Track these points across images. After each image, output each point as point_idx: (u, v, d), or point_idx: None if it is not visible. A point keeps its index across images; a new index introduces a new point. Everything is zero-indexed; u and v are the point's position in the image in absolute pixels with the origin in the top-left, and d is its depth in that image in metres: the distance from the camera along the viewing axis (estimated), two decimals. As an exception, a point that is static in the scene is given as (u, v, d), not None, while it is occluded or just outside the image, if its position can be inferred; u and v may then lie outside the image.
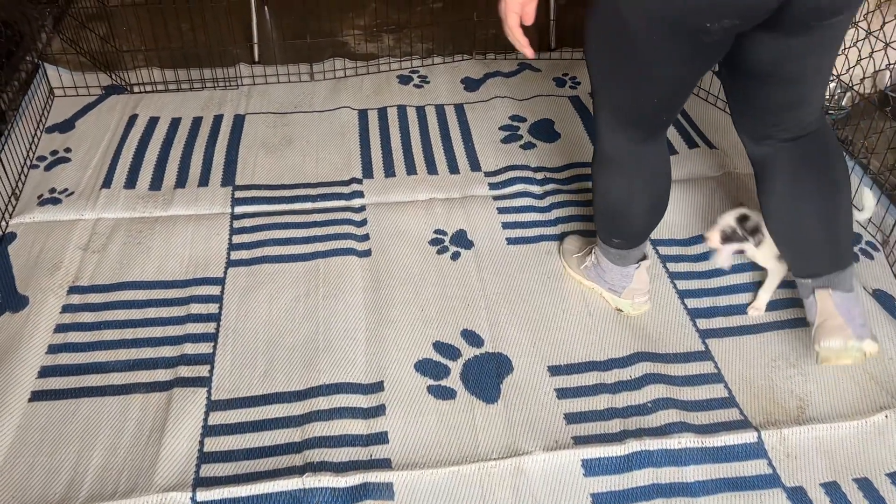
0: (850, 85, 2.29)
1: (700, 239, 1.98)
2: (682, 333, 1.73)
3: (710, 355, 1.68)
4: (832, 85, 2.46)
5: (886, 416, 1.53)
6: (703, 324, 1.75)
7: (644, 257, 1.75)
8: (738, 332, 1.74)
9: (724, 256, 1.75)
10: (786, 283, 1.76)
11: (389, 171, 2.23)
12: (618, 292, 1.76)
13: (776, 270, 1.73)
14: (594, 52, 1.43)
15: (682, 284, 1.86)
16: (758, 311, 1.77)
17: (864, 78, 2.15)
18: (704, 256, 1.93)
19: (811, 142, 1.50)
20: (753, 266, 1.83)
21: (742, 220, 1.68)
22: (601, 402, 1.58)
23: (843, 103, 2.45)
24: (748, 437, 1.50)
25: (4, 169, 2.09)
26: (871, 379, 1.62)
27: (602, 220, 1.71)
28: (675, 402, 1.57)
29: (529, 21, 1.33)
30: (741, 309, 1.79)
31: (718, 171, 2.21)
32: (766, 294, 1.77)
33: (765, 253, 1.71)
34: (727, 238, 1.69)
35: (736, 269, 1.88)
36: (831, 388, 1.60)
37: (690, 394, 1.60)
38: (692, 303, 1.81)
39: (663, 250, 1.95)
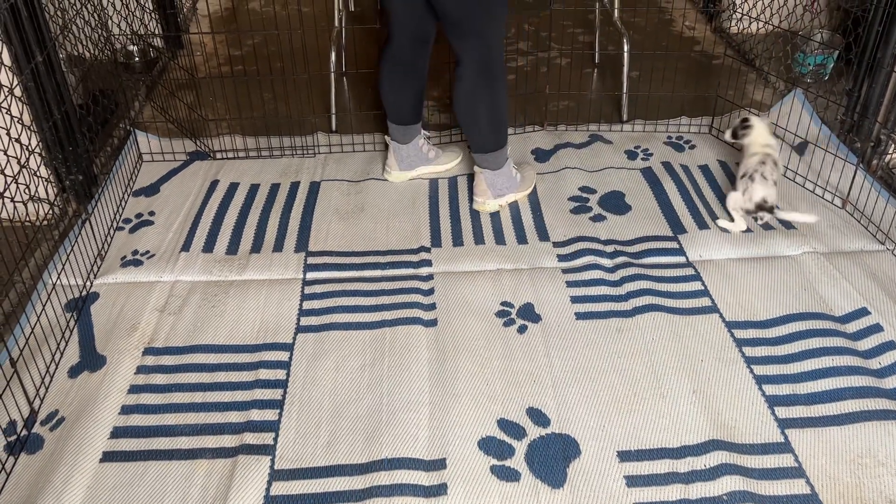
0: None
1: (778, 321, 1.90)
2: (759, 422, 1.65)
3: (789, 447, 1.59)
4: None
5: None
6: (782, 412, 1.67)
7: None
8: (820, 422, 1.64)
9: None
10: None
11: (458, 241, 2.24)
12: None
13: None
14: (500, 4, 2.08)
15: (760, 370, 1.78)
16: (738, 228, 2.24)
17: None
18: (784, 340, 1.85)
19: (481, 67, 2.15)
20: (831, 352, 1.75)
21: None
22: (673, 492, 1.51)
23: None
24: (834, 539, 1.40)
25: (93, 230, 2.19)
26: (971, 482, 1.50)
27: (504, 127, 2.26)
28: (753, 496, 1.49)
29: None
30: (824, 397, 1.70)
31: (798, 250, 2.14)
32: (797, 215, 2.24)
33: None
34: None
35: (816, 353, 1.80)
36: (926, 491, 1.49)
37: (769, 488, 1.51)
38: (770, 389, 1.73)
39: (739, 333, 1.88)
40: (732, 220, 2.24)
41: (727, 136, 2.40)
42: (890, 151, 2.39)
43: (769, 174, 2.19)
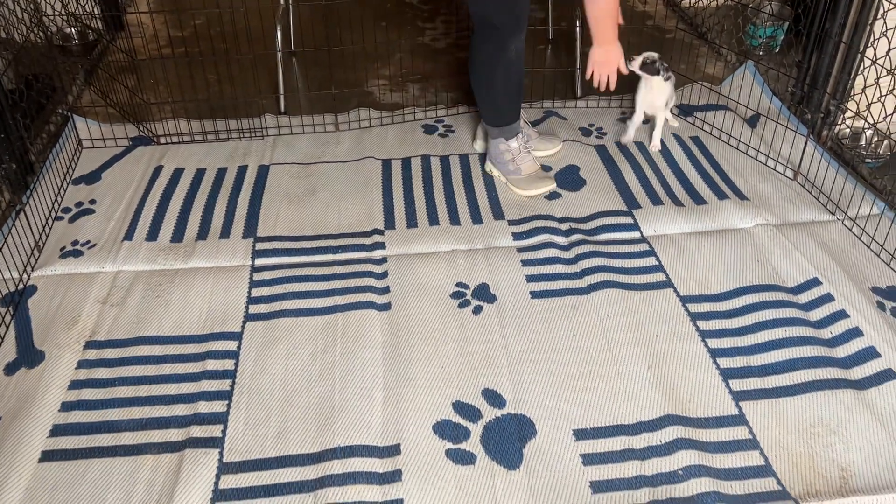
0: (888, 133, 2.21)
1: (732, 294, 1.90)
2: (714, 395, 1.65)
3: (744, 419, 1.59)
4: (868, 132, 2.39)
5: (938, 489, 1.43)
6: (737, 385, 1.67)
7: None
8: (773, 393, 1.65)
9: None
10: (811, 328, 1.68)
11: (412, 222, 2.20)
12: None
13: (661, 113, 2.42)
14: None
15: (714, 343, 1.78)
16: (656, 147, 2.45)
17: (901, 126, 2.09)
18: (737, 312, 1.85)
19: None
20: (784, 323, 1.76)
21: (660, 59, 2.31)
22: (629, 468, 1.50)
23: (881, 151, 2.37)
24: (787, 509, 1.41)
25: (29, 221, 2.10)
26: (921, 447, 1.52)
27: (490, 107, 2.28)
28: (708, 469, 1.49)
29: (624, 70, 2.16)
30: (777, 368, 1.70)
31: (750, 222, 2.14)
32: (658, 132, 2.44)
33: (658, 95, 2.36)
34: (646, 66, 2.31)
35: (769, 324, 1.80)
36: (876, 457, 1.50)
37: (724, 461, 1.51)
38: (724, 362, 1.73)
39: (693, 308, 1.87)
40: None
41: (635, 64, 2.31)
42: (839, 122, 2.41)
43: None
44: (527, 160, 2.32)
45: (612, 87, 2.14)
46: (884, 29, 2.10)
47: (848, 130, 2.43)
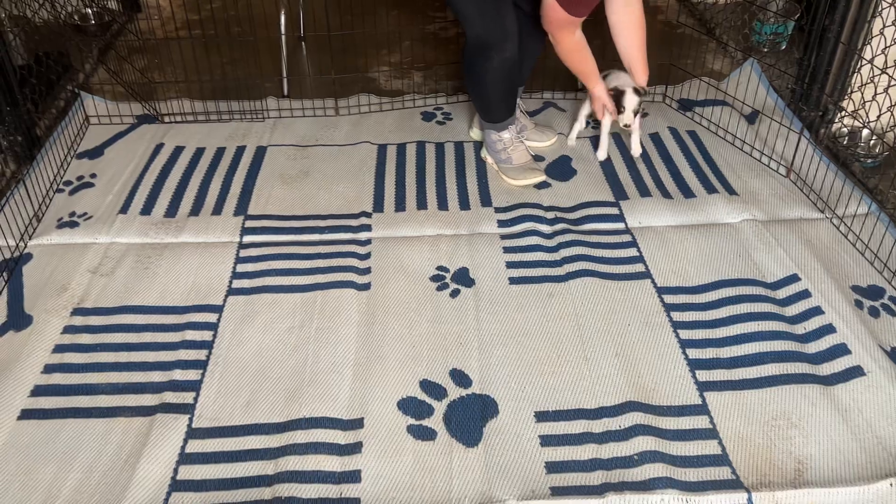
0: (883, 132, 2.19)
1: (709, 287, 1.91)
2: (679, 385, 1.66)
3: (706, 409, 1.60)
4: (864, 132, 2.36)
5: (892, 485, 1.43)
6: (703, 375, 1.68)
7: None
8: (738, 385, 1.65)
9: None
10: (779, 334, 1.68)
11: (400, 206, 2.23)
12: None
13: (636, 121, 2.33)
14: None
15: (686, 334, 1.78)
16: (637, 152, 2.40)
17: (894, 126, 2.07)
18: (713, 305, 1.86)
19: None
20: (758, 317, 1.76)
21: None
22: (586, 451, 1.52)
23: (877, 151, 2.34)
24: (738, 498, 1.42)
25: (29, 193, 2.17)
26: (879, 444, 1.52)
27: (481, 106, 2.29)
28: (664, 455, 1.50)
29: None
30: (746, 361, 1.71)
31: (737, 217, 2.14)
32: (636, 137, 2.40)
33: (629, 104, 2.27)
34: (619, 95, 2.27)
35: (743, 318, 1.80)
36: (834, 452, 1.51)
37: (680, 449, 1.52)
38: (693, 353, 1.73)
39: (669, 299, 1.88)
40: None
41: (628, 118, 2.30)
42: (836, 121, 2.39)
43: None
44: (518, 150, 2.34)
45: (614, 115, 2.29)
46: (881, 27, 2.08)
47: (845, 129, 2.41)
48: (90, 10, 3.20)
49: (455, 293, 1.92)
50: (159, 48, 3.00)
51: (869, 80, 2.11)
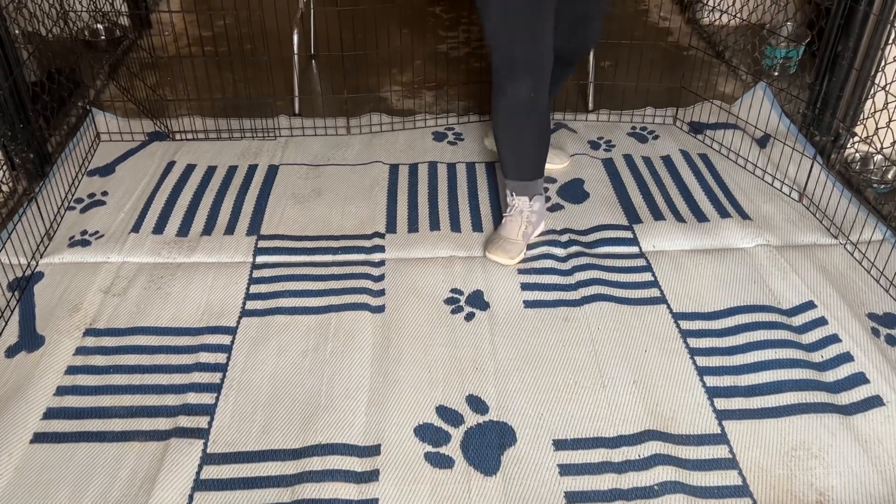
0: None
1: (725, 313, 1.90)
2: (697, 413, 1.65)
3: (725, 438, 1.59)
4: (877, 157, 2.37)
5: (915, 519, 1.41)
6: (721, 404, 1.67)
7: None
8: (758, 414, 1.64)
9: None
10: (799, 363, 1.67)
11: (413, 227, 2.23)
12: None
13: None
14: None
15: (703, 361, 1.77)
16: None
17: (908, 152, 2.07)
18: (729, 331, 1.85)
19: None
20: (775, 344, 1.76)
21: None
22: (605, 481, 1.51)
23: (889, 176, 2.34)
24: (760, 531, 1.40)
25: (40, 210, 2.16)
26: (901, 476, 1.50)
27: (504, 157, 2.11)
28: (684, 486, 1.49)
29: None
30: (764, 389, 1.70)
31: (751, 242, 2.13)
32: None
33: None
34: None
35: (760, 345, 1.79)
36: (855, 483, 1.49)
37: (701, 479, 1.51)
38: (711, 381, 1.72)
39: (685, 325, 1.87)
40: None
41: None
42: (848, 146, 2.39)
43: None
44: (512, 223, 2.12)
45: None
46: None
47: (857, 155, 2.41)
48: (100, 26, 3.21)
49: (470, 316, 1.91)
50: (171, 65, 3.00)
51: (883, 107, 2.12)
